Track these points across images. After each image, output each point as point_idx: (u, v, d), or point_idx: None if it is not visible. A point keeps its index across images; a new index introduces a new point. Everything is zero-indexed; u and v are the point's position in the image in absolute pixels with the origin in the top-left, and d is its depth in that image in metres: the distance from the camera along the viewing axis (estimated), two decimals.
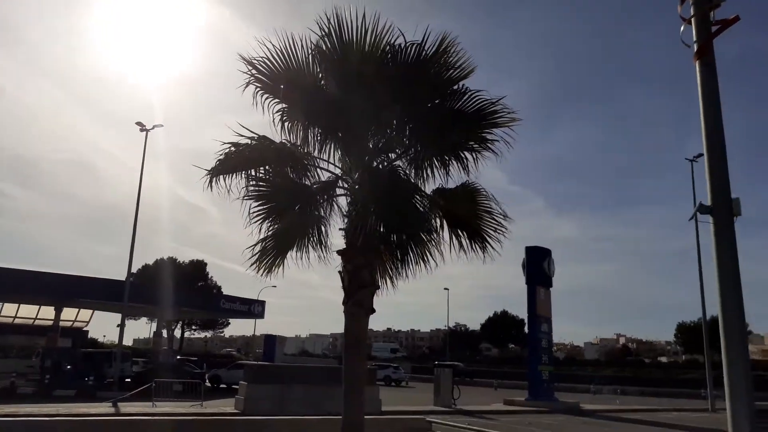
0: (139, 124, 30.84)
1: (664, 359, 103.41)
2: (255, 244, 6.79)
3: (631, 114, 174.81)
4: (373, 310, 6.51)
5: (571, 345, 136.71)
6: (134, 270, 52.69)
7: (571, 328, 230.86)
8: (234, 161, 6.34)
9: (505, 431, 8.18)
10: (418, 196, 6.25)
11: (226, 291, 62.74)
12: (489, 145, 6.28)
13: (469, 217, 6.55)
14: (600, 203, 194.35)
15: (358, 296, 6.35)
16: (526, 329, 34.30)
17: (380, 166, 6.54)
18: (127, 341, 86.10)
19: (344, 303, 6.46)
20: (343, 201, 6.73)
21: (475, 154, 6.42)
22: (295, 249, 7.00)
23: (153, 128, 31.01)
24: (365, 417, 6.39)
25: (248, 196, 6.41)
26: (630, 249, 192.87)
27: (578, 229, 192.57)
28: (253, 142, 6.33)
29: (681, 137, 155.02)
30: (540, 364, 28.27)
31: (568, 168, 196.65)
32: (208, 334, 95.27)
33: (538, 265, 28.90)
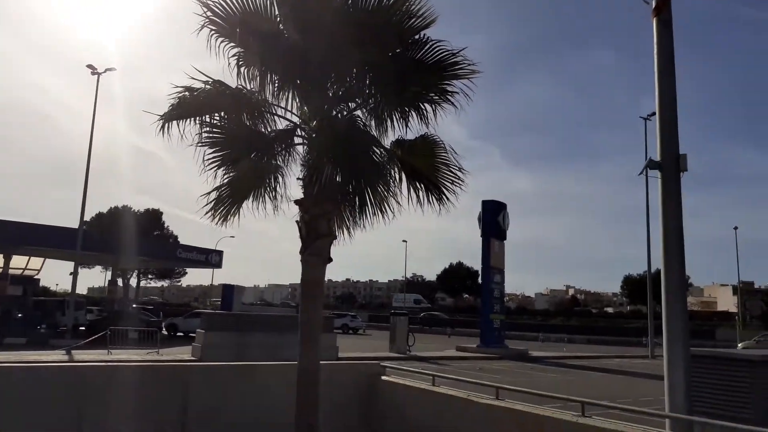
0: (90, 67, 29.52)
1: (610, 310, 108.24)
2: (209, 192, 6.69)
3: (589, 70, 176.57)
4: (330, 260, 6.56)
5: (523, 295, 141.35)
6: (88, 218, 51.34)
7: (523, 279, 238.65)
8: (188, 106, 6.14)
9: (456, 375, 8.50)
10: (376, 147, 6.23)
11: (183, 240, 61.94)
12: (449, 96, 6.25)
13: (427, 169, 6.57)
14: (555, 158, 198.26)
15: (315, 246, 6.36)
16: (480, 280, 35.24)
17: (339, 115, 6.47)
18: (81, 290, 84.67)
19: (301, 252, 6.48)
20: (301, 150, 6.66)
21: (435, 106, 6.38)
22: (251, 198, 6.93)
23: (105, 72, 29.79)
24: (321, 363, 6.52)
25: (202, 142, 6.25)
26: (583, 203, 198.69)
27: (533, 183, 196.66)
28: (208, 86, 6.14)
29: (637, 95, 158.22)
30: (492, 313, 29.29)
31: (526, 123, 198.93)
32: (165, 283, 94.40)
33: (493, 218, 29.56)
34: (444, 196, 6.61)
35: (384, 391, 8.13)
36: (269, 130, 6.57)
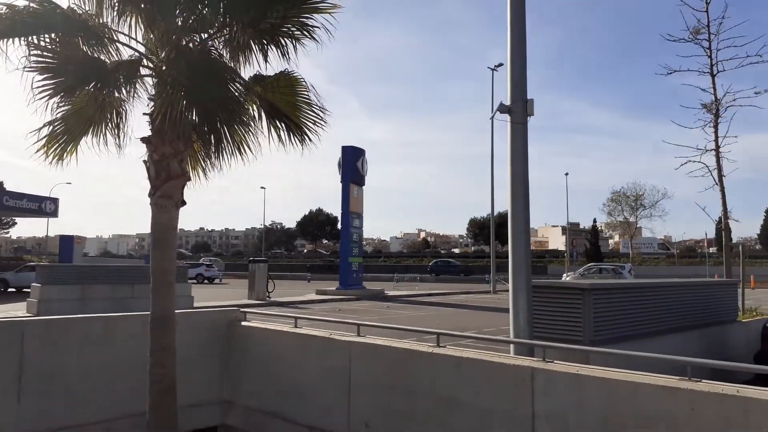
0: None
1: (456, 250, 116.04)
2: (41, 127, 5.95)
3: (444, 20, 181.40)
4: (183, 203, 6.18)
5: (379, 239, 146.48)
6: None
7: (380, 223, 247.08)
8: (9, 24, 5.26)
9: (318, 317, 8.60)
10: (234, 81, 5.85)
11: (10, 187, 55.32)
12: (309, 31, 6.00)
13: (289, 107, 6.34)
14: (410, 107, 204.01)
15: (167, 187, 5.93)
16: (339, 225, 35.75)
17: (191, 45, 5.95)
18: None
19: (151, 195, 6.02)
20: (149, 82, 6.08)
21: (295, 41, 6.11)
22: (90, 135, 6.27)
23: None
24: (176, 311, 6.22)
25: (30, 67, 5.43)
26: (435, 151, 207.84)
27: (390, 131, 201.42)
28: (33, 5, 5.31)
29: (487, 46, 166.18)
30: (351, 256, 29.99)
31: (384, 72, 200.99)
32: None
33: (352, 164, 29.84)
34: (306, 137, 6.45)
35: (244, 336, 8.00)
36: (111, 58, 5.89)
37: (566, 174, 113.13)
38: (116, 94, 5.97)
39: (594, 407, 4.56)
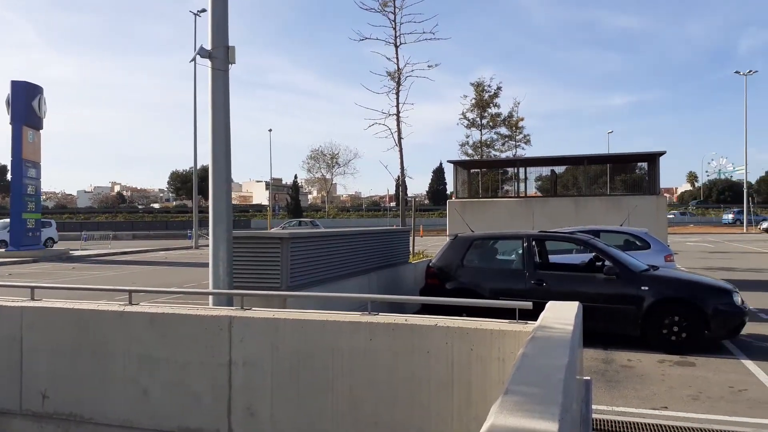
0: None
1: (156, 206, 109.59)
2: None
3: None
4: None
5: (63, 193, 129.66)
6: None
7: (64, 175, 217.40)
8: None
9: None
10: None
11: None
12: None
13: None
14: (103, 45, 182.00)
15: None
16: (9, 176, 30.33)
17: None
18: None
19: None
20: None
21: None
22: None
23: None
24: None
25: None
26: (132, 96, 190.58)
27: (76, 69, 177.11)
28: None
29: None
30: (25, 212, 25.80)
31: None
32: None
33: (26, 103, 25.42)
34: None
35: None
36: None
37: (270, 130, 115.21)
38: None
39: (288, 346, 4.84)
